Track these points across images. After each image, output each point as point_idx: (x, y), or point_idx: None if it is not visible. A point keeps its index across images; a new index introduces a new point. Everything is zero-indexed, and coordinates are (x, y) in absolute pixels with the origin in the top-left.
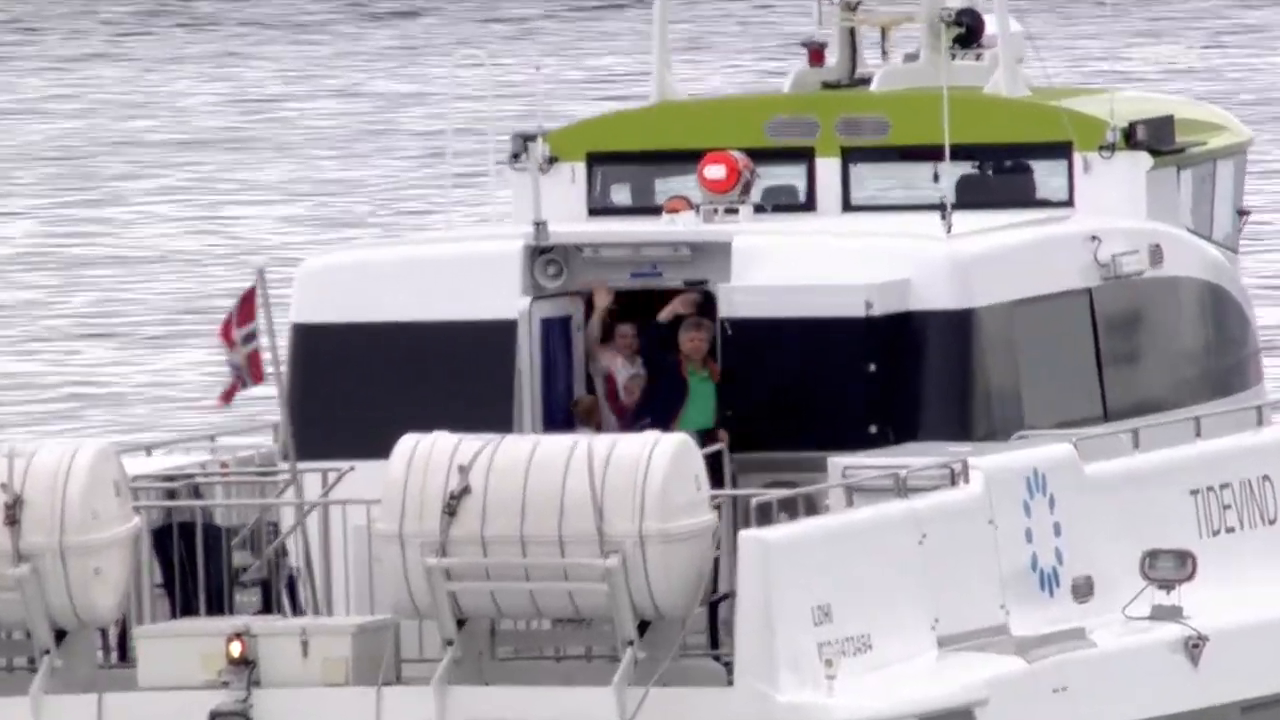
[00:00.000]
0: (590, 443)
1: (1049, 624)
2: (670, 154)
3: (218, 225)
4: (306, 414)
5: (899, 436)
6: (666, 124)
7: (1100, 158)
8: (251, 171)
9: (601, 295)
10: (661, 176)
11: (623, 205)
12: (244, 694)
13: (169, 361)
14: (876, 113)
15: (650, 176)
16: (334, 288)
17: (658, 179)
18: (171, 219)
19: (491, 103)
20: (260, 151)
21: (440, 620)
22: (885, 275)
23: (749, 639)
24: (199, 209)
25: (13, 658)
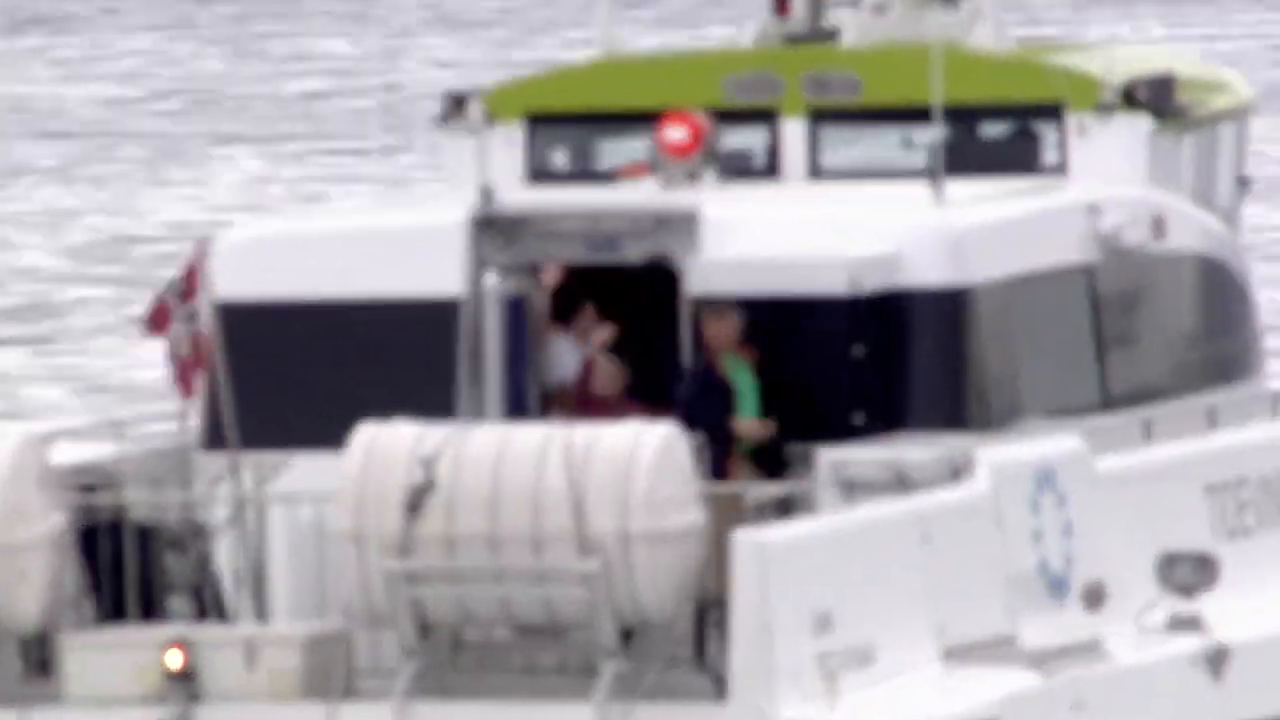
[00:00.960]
0: (569, 433)
1: (1059, 633)
2: (618, 115)
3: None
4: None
5: (888, 426)
6: (612, 81)
7: (1096, 120)
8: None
9: (548, 273)
10: (606, 139)
11: (566, 171)
12: (183, 709)
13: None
14: (847, 70)
15: (593, 139)
16: (260, 262)
17: (601, 142)
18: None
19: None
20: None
21: (401, 629)
22: (871, 249)
23: (745, 650)
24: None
25: None
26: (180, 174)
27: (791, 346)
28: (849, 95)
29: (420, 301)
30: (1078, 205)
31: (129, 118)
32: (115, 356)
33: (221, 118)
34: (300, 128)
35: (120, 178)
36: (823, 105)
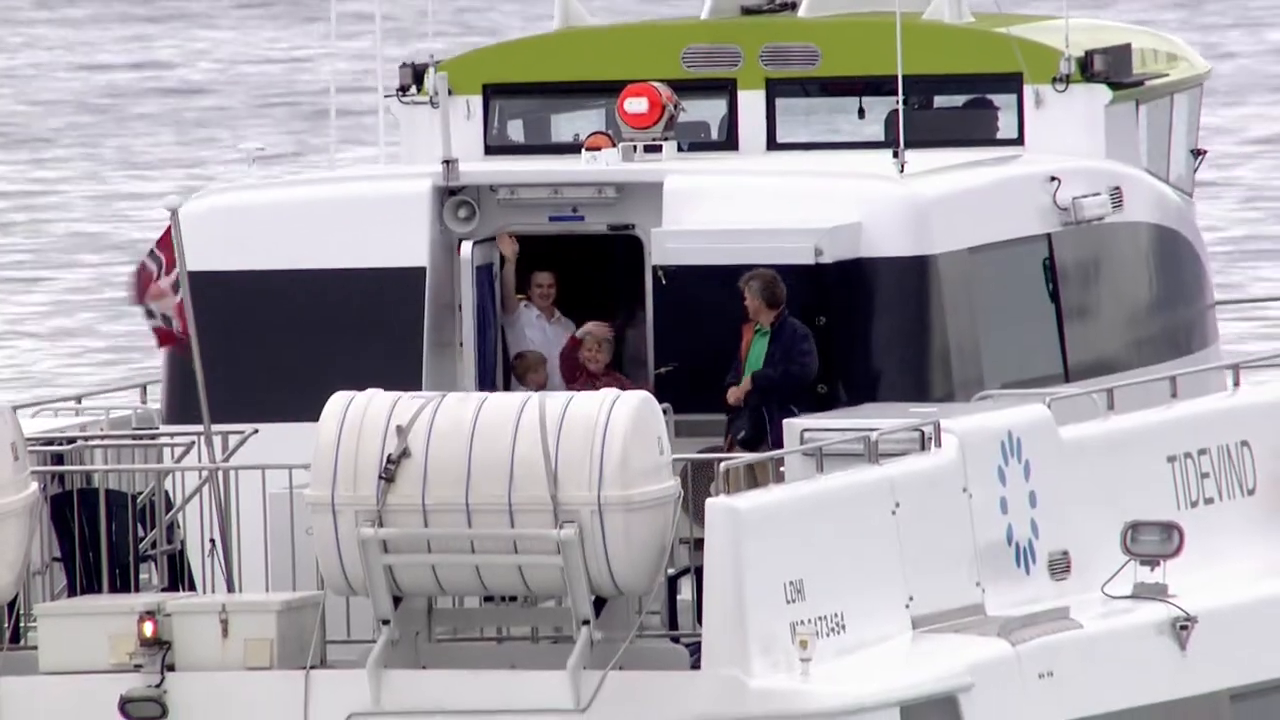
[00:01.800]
0: (543, 401)
1: (1026, 602)
2: (576, 86)
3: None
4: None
5: (851, 396)
6: (571, 53)
7: (1054, 90)
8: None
9: (506, 243)
10: (563, 111)
11: (525, 143)
12: (157, 678)
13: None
14: (805, 41)
15: (548, 111)
16: (222, 232)
17: (558, 114)
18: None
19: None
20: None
21: (375, 597)
22: (835, 219)
23: (718, 618)
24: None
25: None
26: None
27: None
28: (807, 67)
29: (387, 271)
30: (1037, 176)
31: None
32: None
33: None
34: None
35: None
36: (780, 76)
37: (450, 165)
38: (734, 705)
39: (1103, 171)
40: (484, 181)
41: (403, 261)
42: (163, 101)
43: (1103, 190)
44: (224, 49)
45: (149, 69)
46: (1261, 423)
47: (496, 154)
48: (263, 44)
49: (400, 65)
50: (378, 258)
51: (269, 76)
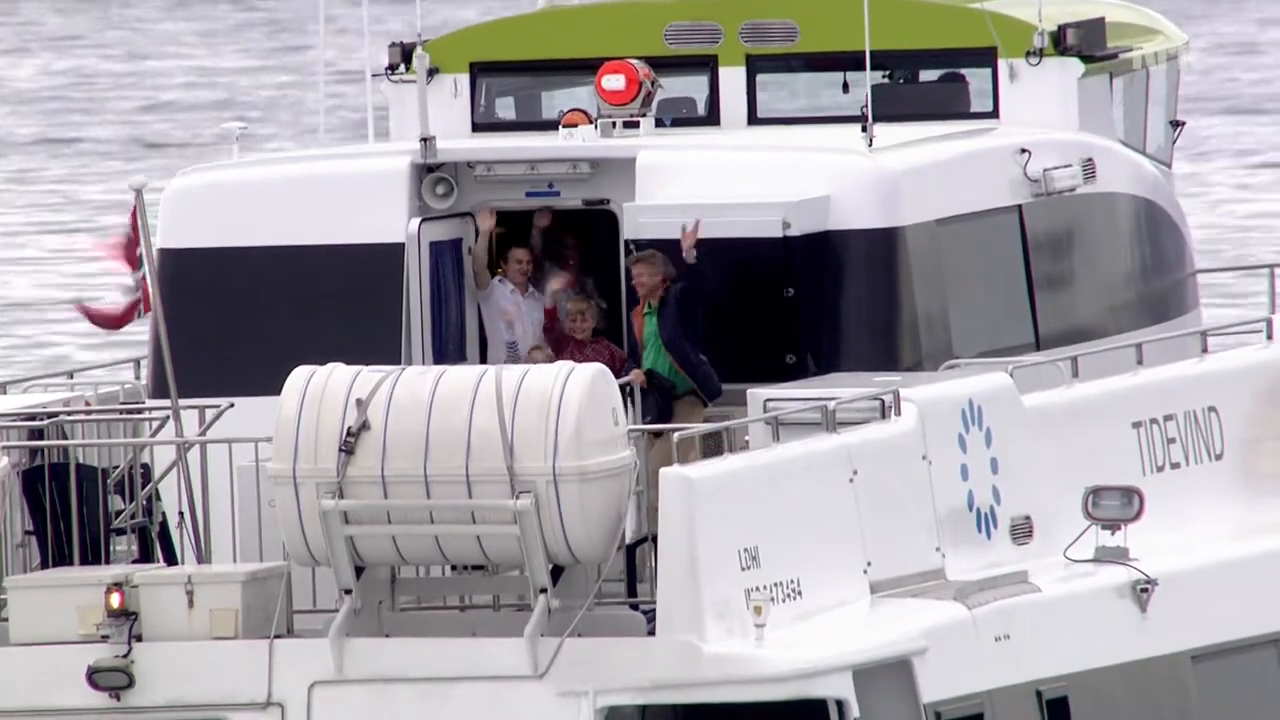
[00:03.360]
0: (499, 374)
1: (987, 568)
2: (560, 63)
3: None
4: (174, 348)
5: (820, 366)
6: (555, 31)
7: (1027, 64)
8: None
9: (484, 217)
10: (550, 88)
11: (511, 120)
12: (124, 648)
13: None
14: (784, 17)
15: (538, 88)
16: (204, 209)
17: (545, 91)
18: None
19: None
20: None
21: (337, 567)
22: (803, 192)
23: (672, 585)
24: None
25: None
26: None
27: (724, 288)
28: (786, 43)
29: (366, 247)
30: (1007, 148)
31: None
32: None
33: None
34: None
35: None
36: (760, 52)
37: (428, 143)
38: (688, 670)
39: (1074, 143)
40: (461, 158)
41: (381, 238)
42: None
43: (1074, 162)
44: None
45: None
46: (1230, 388)
47: (483, 131)
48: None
49: (389, 44)
50: (356, 234)
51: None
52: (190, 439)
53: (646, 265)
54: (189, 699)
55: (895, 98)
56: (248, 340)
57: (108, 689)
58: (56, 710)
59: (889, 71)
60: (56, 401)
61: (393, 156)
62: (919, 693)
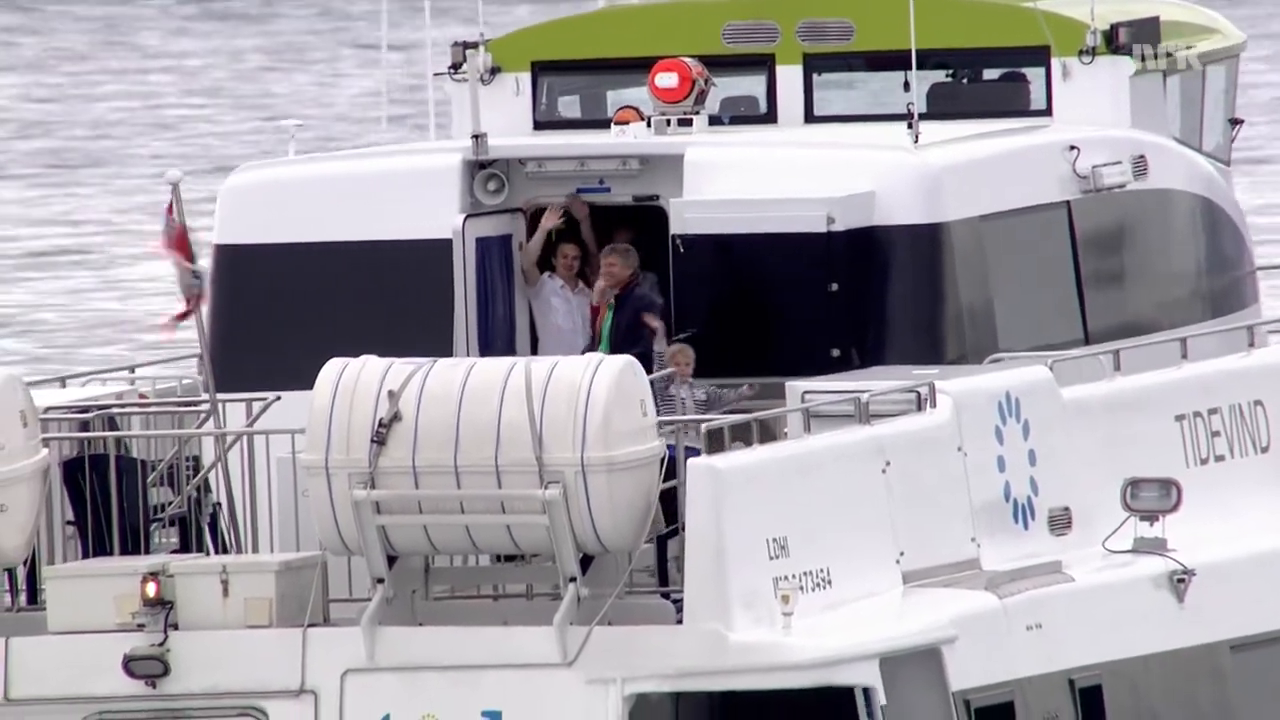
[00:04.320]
0: (528, 366)
1: (1024, 558)
2: (620, 62)
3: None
4: (232, 342)
5: (864, 360)
6: (616, 30)
7: (1080, 63)
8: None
9: (551, 214)
10: (612, 87)
11: (571, 118)
12: (160, 637)
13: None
14: (840, 16)
15: (601, 87)
16: (259, 206)
17: (610, 90)
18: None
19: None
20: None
21: (369, 557)
22: (848, 188)
23: (699, 574)
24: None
25: None
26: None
27: (770, 283)
28: (843, 41)
29: (417, 243)
30: (1056, 145)
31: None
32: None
33: None
34: None
35: None
36: (817, 51)
37: (479, 140)
38: (714, 658)
39: (1125, 140)
40: (512, 155)
41: (431, 233)
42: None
43: (1124, 159)
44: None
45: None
46: (1276, 382)
47: (544, 129)
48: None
49: (452, 44)
50: (407, 230)
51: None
52: (226, 431)
53: (620, 257)
54: (223, 687)
55: (954, 96)
56: (301, 335)
57: (143, 677)
58: (93, 698)
59: (952, 70)
60: (110, 395)
61: (444, 153)
62: (948, 681)
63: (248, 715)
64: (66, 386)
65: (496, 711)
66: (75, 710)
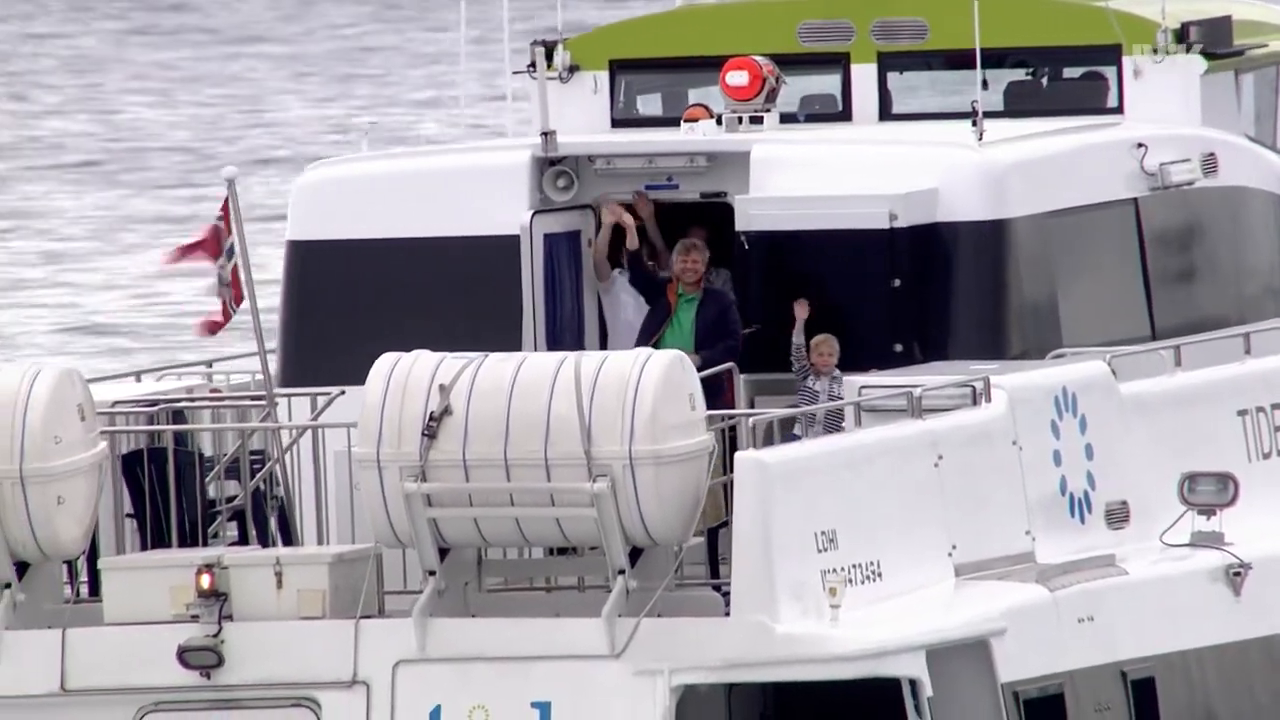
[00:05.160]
0: (578, 360)
1: (1080, 551)
2: (696, 61)
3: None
4: (303, 337)
5: (927, 355)
6: (692, 29)
7: (1151, 61)
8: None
9: (612, 211)
10: (691, 85)
11: (649, 115)
12: (214, 628)
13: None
14: (914, 15)
15: (682, 85)
16: (331, 202)
17: (691, 88)
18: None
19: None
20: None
21: (421, 549)
22: (911, 185)
23: (746, 567)
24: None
25: None
26: None
27: (833, 279)
28: (917, 40)
29: (484, 239)
30: (1123, 142)
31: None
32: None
33: None
34: None
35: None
36: (891, 50)
37: (548, 137)
38: (760, 650)
39: (1195, 138)
40: (581, 152)
41: (500, 230)
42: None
43: (1194, 156)
44: None
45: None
46: None
47: (622, 127)
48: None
49: (531, 42)
50: (477, 226)
51: None
52: (279, 425)
53: (700, 253)
54: (277, 677)
55: (1029, 94)
56: (371, 330)
57: (198, 668)
58: (148, 688)
59: (1032, 69)
60: (181, 389)
61: (514, 150)
62: (996, 672)
63: (300, 705)
64: (141, 380)
65: (546, 702)
66: (130, 701)
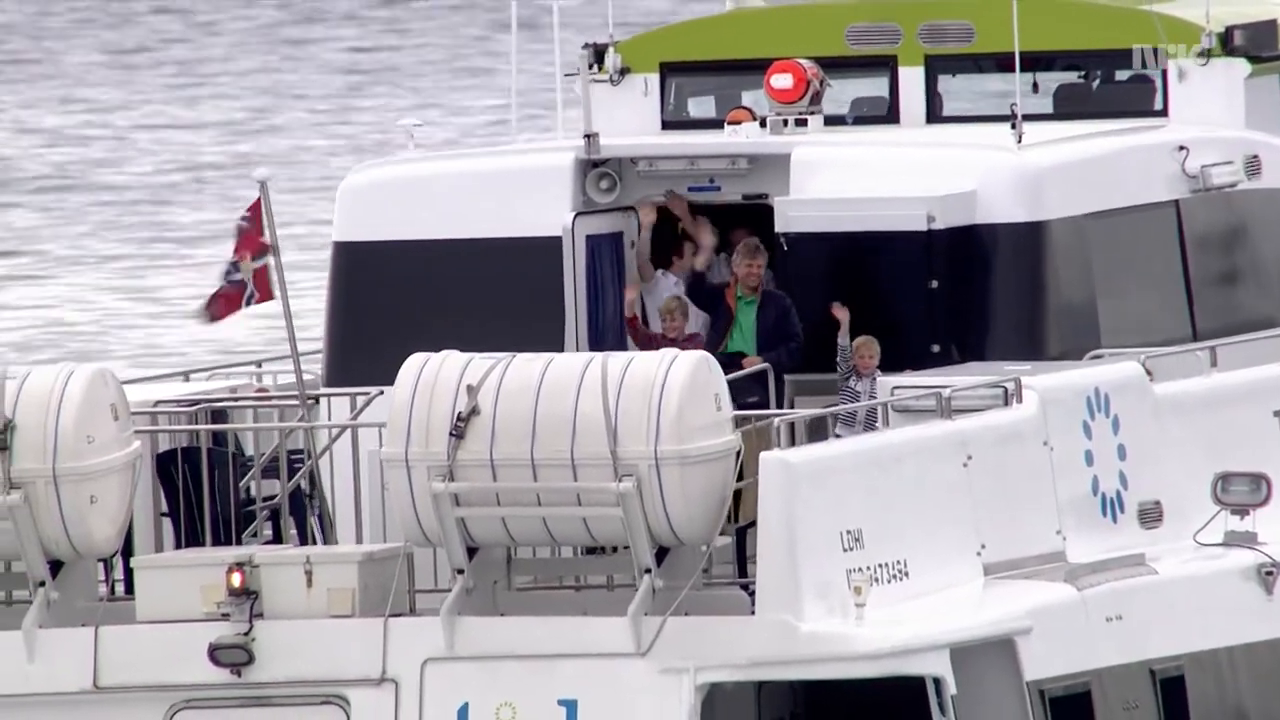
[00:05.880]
0: (604, 361)
1: (1112, 550)
2: (745, 63)
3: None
4: (349, 337)
5: (964, 356)
6: (741, 32)
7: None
8: None
9: (646, 212)
10: (741, 88)
11: (700, 118)
12: (245, 626)
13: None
14: (961, 18)
15: (735, 87)
16: (377, 204)
17: (748, 90)
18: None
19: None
20: None
21: (449, 548)
22: (949, 187)
23: (770, 566)
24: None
25: (11, 590)
26: None
27: (872, 280)
28: (963, 43)
29: (527, 240)
30: (1164, 145)
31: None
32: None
33: None
34: None
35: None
36: (938, 53)
37: (591, 139)
38: (785, 648)
39: (1238, 141)
40: (623, 154)
41: (542, 231)
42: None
43: (1237, 159)
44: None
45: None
46: None
47: (672, 129)
48: None
49: (582, 45)
50: (520, 228)
51: None
52: (313, 424)
53: (761, 256)
54: (307, 675)
55: (1078, 97)
56: (415, 331)
57: (229, 665)
58: (180, 685)
59: (1084, 72)
60: (224, 389)
61: (557, 152)
62: (1022, 671)
63: (330, 703)
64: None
65: (572, 700)
66: (163, 698)
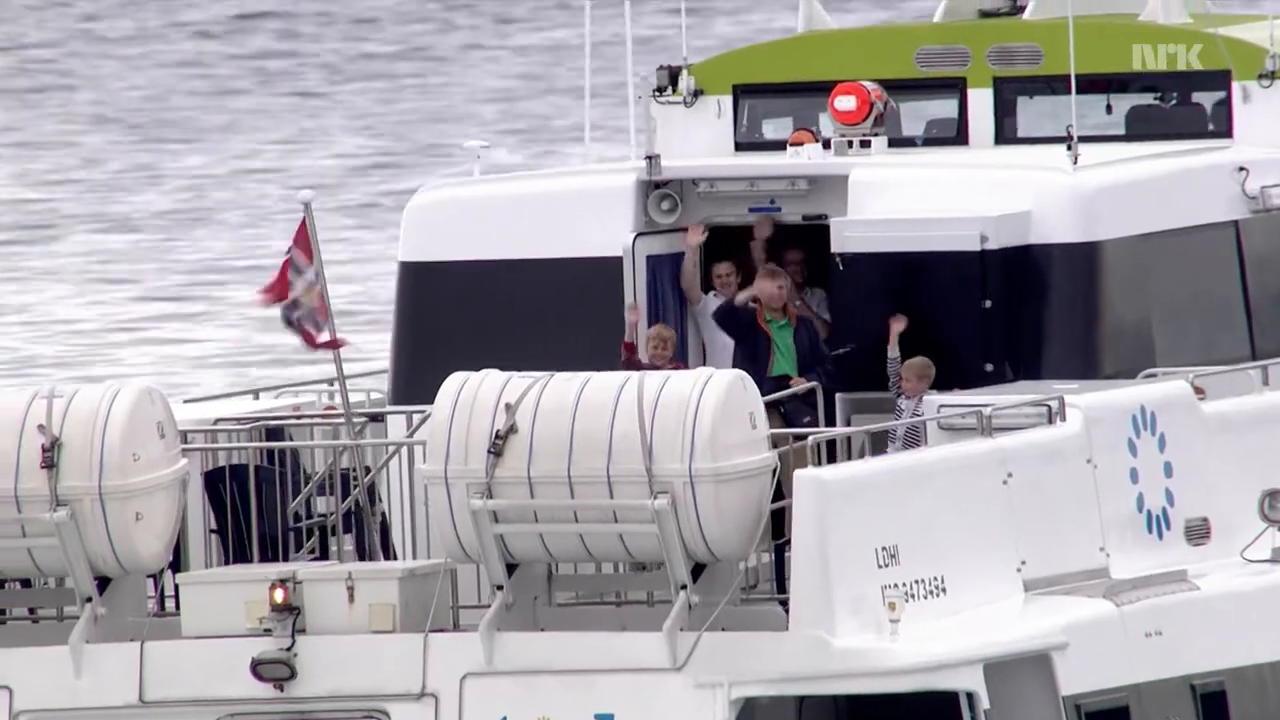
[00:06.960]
0: (641, 380)
1: (1157, 567)
2: (816, 85)
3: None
4: (414, 356)
5: (1018, 375)
6: (813, 54)
7: (1259, 86)
8: None
9: (693, 233)
10: (821, 109)
11: (772, 139)
12: (288, 641)
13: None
14: (1030, 41)
15: (811, 109)
16: (442, 224)
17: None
18: None
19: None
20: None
21: (488, 564)
22: (1004, 208)
23: (804, 582)
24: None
25: (62, 606)
26: None
27: (926, 300)
28: (1032, 65)
29: (589, 260)
30: (1223, 166)
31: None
32: None
33: None
34: None
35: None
36: (1007, 75)
37: (653, 160)
38: (819, 663)
39: None
40: (684, 175)
41: (604, 251)
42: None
43: None
44: None
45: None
46: None
47: (745, 150)
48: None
49: (657, 67)
50: (583, 248)
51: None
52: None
53: (783, 277)
54: (348, 690)
55: (1148, 118)
56: (479, 349)
57: (271, 680)
58: (223, 700)
59: (1160, 94)
60: (288, 407)
61: (619, 174)
62: (1058, 686)
63: (371, 717)
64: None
65: (609, 714)
66: (206, 712)
